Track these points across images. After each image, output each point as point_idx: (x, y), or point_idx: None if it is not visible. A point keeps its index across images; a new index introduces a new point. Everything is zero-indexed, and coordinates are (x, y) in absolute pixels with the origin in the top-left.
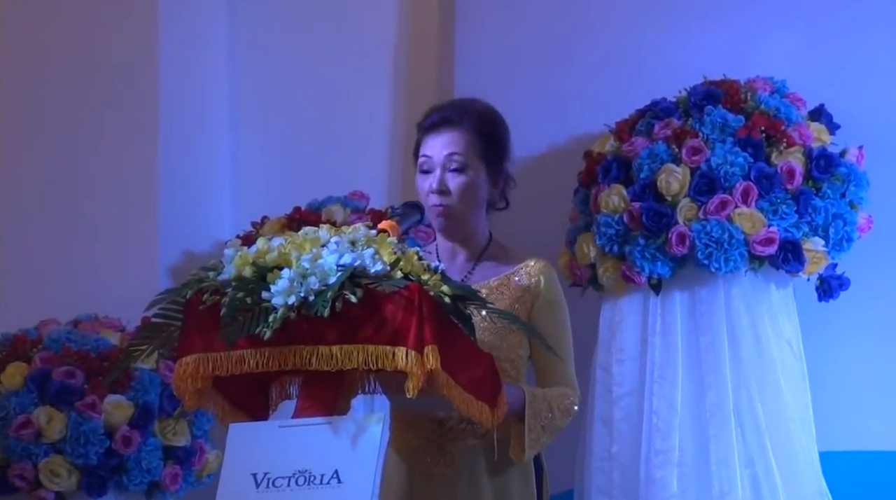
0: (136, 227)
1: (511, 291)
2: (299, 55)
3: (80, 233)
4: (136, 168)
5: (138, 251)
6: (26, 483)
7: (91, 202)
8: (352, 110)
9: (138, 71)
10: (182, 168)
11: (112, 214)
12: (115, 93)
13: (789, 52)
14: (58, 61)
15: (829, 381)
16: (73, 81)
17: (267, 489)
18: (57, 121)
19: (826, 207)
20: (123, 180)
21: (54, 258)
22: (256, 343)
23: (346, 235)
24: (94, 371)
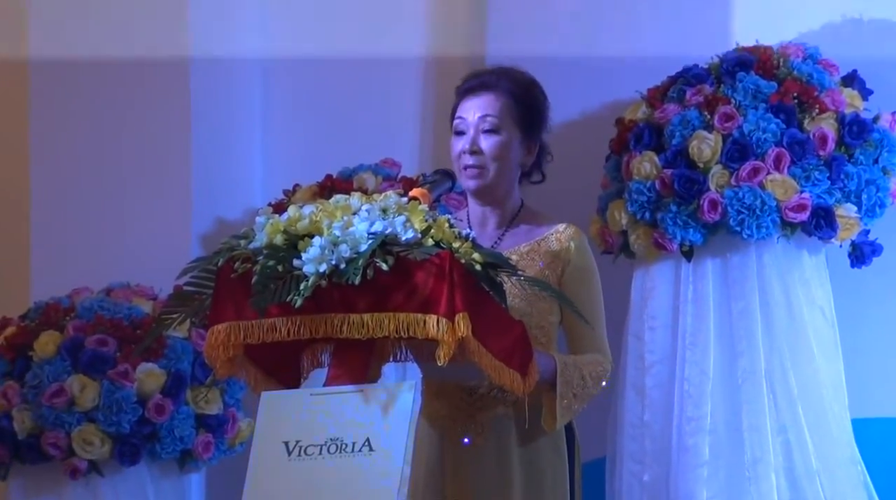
0: (169, 195)
1: (541, 256)
2: (330, 24)
3: (112, 201)
4: (169, 137)
5: (171, 219)
6: (59, 452)
7: (123, 171)
8: (383, 78)
9: (170, 42)
10: (214, 136)
11: (145, 183)
12: (147, 65)
13: (822, 17)
14: (94, 37)
15: (862, 348)
16: (107, 55)
17: (299, 458)
18: (91, 92)
19: (859, 173)
20: (156, 149)
21: (87, 227)
22: (288, 311)
23: (377, 202)
24: (126, 339)
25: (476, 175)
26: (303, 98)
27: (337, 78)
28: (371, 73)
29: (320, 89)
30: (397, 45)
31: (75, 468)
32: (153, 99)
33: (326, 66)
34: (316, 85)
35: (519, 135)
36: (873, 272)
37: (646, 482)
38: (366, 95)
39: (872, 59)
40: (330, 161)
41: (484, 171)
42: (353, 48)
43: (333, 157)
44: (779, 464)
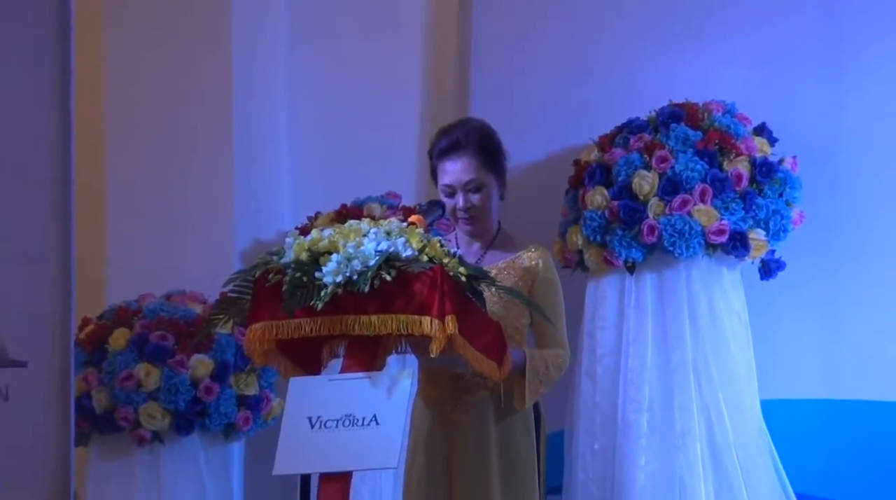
0: (217, 221)
1: (516, 271)
2: (344, 85)
3: (172, 225)
4: (216, 176)
5: (218, 240)
6: (129, 424)
7: (182, 202)
8: (387, 130)
9: (217, 100)
10: (252, 175)
11: (198, 212)
12: (200, 121)
13: (738, 79)
14: (159, 87)
15: (770, 344)
16: (167, 107)
17: (319, 429)
18: (158, 140)
19: (767, 205)
20: (207, 185)
21: (151, 245)
22: (311, 313)
23: (382, 226)
24: (182, 335)
25: (470, 222)
26: (322, 143)
27: (349, 128)
28: (376, 126)
29: (336, 137)
30: (398, 105)
31: (142, 437)
32: (206, 149)
33: (341, 119)
34: (333, 134)
35: (494, 179)
36: (779, 284)
37: (596, 449)
38: (372, 141)
39: (778, 113)
40: (344, 193)
41: (476, 218)
42: (363, 106)
43: (347, 189)
44: (702, 436)
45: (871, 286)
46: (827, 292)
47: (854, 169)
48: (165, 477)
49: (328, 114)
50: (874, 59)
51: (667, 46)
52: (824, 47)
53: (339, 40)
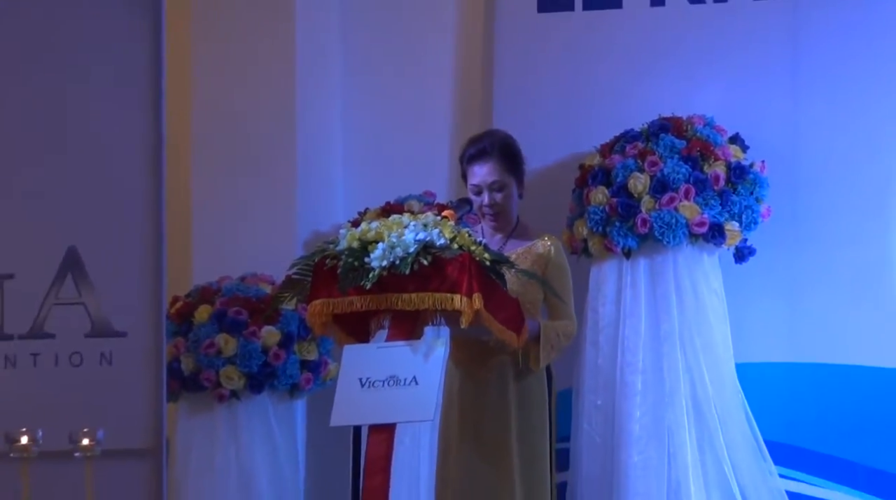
0: (283, 215)
1: (532, 256)
2: (387, 103)
3: (246, 219)
4: (283, 178)
5: (284, 231)
6: (211, 384)
7: (254, 200)
8: (423, 140)
9: (283, 116)
10: (311, 177)
11: (267, 208)
12: (269, 133)
13: (715, 97)
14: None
15: (743, 317)
16: (243, 121)
17: (368, 389)
18: (235, 148)
19: (740, 201)
20: (275, 186)
21: (230, 236)
22: (361, 292)
23: (420, 220)
24: (254, 310)
25: (494, 218)
26: (370, 151)
27: (392, 138)
28: (415, 136)
29: (381, 145)
30: (432, 119)
31: (221, 395)
32: (274, 158)
33: (385, 131)
34: (378, 142)
35: (514, 182)
36: (750, 267)
37: (598, 405)
38: (412, 149)
39: (749, 125)
40: (388, 192)
41: (499, 214)
42: (402, 119)
43: (391, 189)
44: (686, 393)
45: (828, 268)
46: (791, 273)
47: (813, 170)
48: (241, 428)
49: (374, 127)
50: (830, 78)
51: (657, 70)
52: (788, 69)
53: (384, 66)
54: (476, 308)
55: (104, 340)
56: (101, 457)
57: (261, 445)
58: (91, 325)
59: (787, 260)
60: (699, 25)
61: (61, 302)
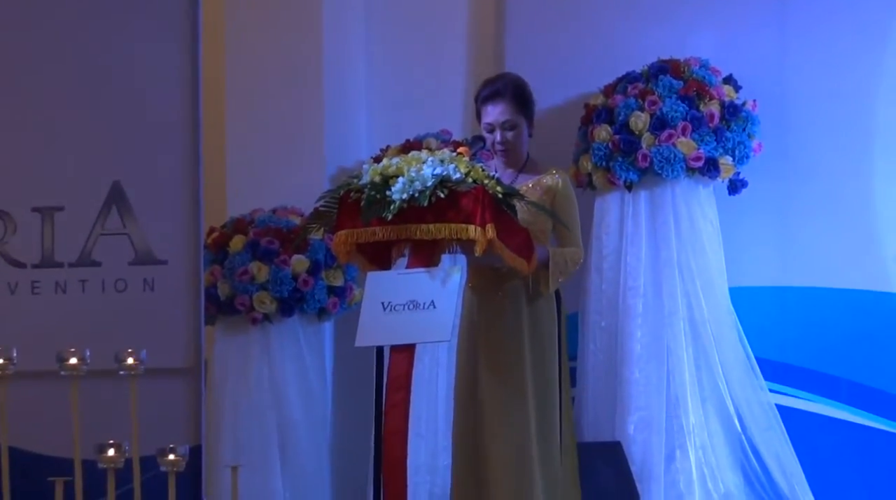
0: (311, 152)
1: (541, 189)
2: (408, 49)
3: (277, 156)
4: (311, 119)
5: (312, 166)
6: (245, 308)
7: (284, 139)
8: (440, 82)
9: (311, 64)
10: (337, 118)
11: (296, 146)
12: (300, 79)
13: (711, 40)
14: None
15: (736, 244)
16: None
17: (390, 312)
18: (268, 92)
19: (733, 138)
20: (303, 126)
21: (261, 171)
22: (383, 222)
23: (437, 156)
24: (285, 240)
25: (505, 153)
26: (391, 92)
27: (412, 81)
28: (433, 78)
29: (402, 87)
30: (448, 64)
31: (255, 318)
32: (302, 93)
33: (407, 75)
34: (398, 85)
35: (524, 121)
36: (743, 198)
37: (603, 326)
38: (429, 91)
39: (742, 66)
40: (408, 130)
41: (510, 151)
42: (421, 64)
43: (410, 128)
44: (684, 315)
45: (815, 199)
46: (780, 204)
47: (800, 109)
48: (273, 349)
49: (394, 71)
50: (817, 22)
51: (656, 16)
52: (777, 14)
53: (404, 14)
54: (489, 237)
55: (147, 267)
56: (145, 375)
57: (291, 364)
58: (134, 254)
59: (777, 192)
60: None
61: (107, 233)
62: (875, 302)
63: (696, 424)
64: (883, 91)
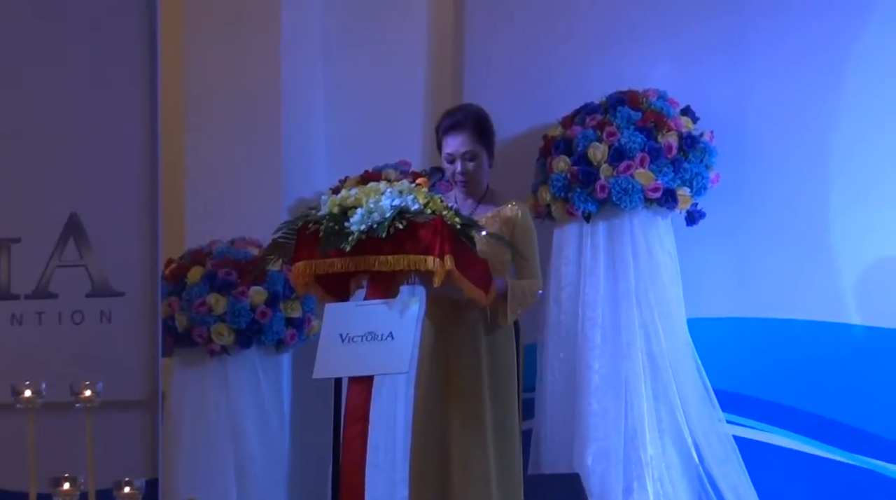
0: (269, 183)
1: (500, 220)
2: (366, 80)
3: (235, 188)
4: (269, 150)
5: (270, 198)
6: (203, 340)
7: (243, 170)
8: (399, 114)
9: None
10: (296, 150)
11: (255, 177)
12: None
13: (669, 71)
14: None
15: (694, 275)
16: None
17: (348, 343)
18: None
19: (691, 169)
20: (262, 157)
21: (220, 203)
22: (341, 254)
23: (396, 187)
24: (243, 271)
25: (465, 186)
26: (350, 124)
27: (370, 112)
28: (392, 110)
29: (361, 119)
30: (407, 96)
31: (213, 349)
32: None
33: (364, 106)
34: (357, 116)
35: (485, 152)
36: (700, 229)
37: (561, 357)
38: (388, 122)
39: (699, 98)
40: (366, 162)
41: (470, 182)
42: (380, 96)
43: (369, 159)
44: (642, 347)
45: (772, 230)
46: (737, 235)
47: (757, 140)
48: (231, 381)
49: (354, 101)
50: (774, 55)
51: (614, 47)
52: (735, 46)
53: (363, 45)
54: (448, 268)
55: (104, 299)
56: (101, 408)
57: (249, 396)
58: (91, 285)
59: (734, 223)
60: (653, 5)
61: (64, 264)
62: (831, 333)
63: (654, 456)
64: (839, 122)
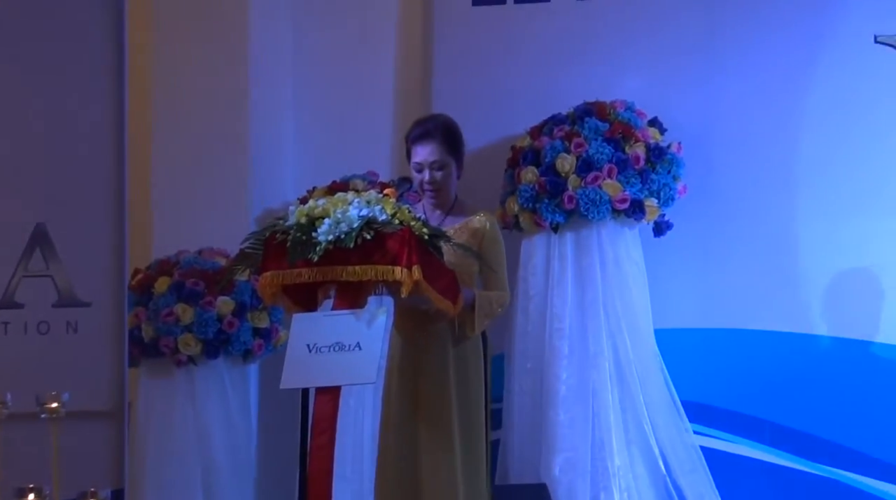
0: (237, 194)
1: (468, 231)
2: (334, 90)
3: (203, 198)
4: (237, 160)
5: (238, 208)
6: (169, 350)
7: (210, 180)
8: (367, 124)
9: (238, 105)
10: (264, 159)
11: (222, 187)
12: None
13: (636, 83)
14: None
15: (661, 286)
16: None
17: (315, 354)
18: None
19: (658, 179)
20: (230, 166)
21: (187, 213)
22: (309, 264)
23: (363, 197)
24: (210, 282)
25: (433, 196)
26: (318, 134)
27: (338, 122)
28: (360, 120)
29: (328, 129)
30: (375, 107)
31: (179, 360)
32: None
33: (332, 116)
34: (325, 126)
35: (453, 162)
36: (668, 240)
37: (528, 368)
38: (356, 132)
39: (667, 109)
40: (335, 172)
41: (438, 191)
42: (348, 106)
43: (337, 169)
44: (609, 357)
45: (738, 241)
46: (704, 246)
47: (725, 151)
48: (198, 391)
49: (321, 112)
50: (741, 66)
51: (582, 58)
52: (702, 58)
53: (331, 55)
54: (415, 279)
55: (70, 309)
56: (67, 418)
57: (216, 406)
58: (58, 295)
59: (701, 234)
60: (621, 17)
61: (30, 274)
62: (797, 344)
63: (621, 466)
64: (806, 134)
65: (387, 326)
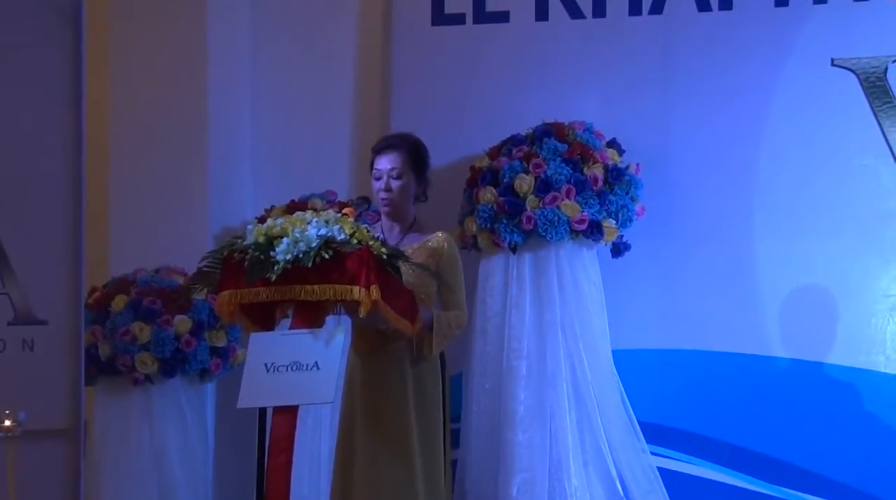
0: (195, 212)
1: (426, 251)
2: (293, 110)
3: (160, 216)
4: (195, 178)
5: (195, 226)
6: (127, 369)
7: (168, 198)
8: (325, 144)
9: (197, 122)
10: (222, 178)
11: (180, 205)
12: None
13: (594, 105)
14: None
15: (619, 307)
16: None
17: (273, 373)
18: (151, 150)
19: (617, 201)
20: (188, 184)
21: (144, 231)
22: (267, 283)
23: (322, 217)
24: (168, 300)
25: (388, 205)
26: (276, 153)
27: (297, 142)
28: (318, 140)
29: (287, 148)
30: (333, 127)
31: (136, 379)
32: (187, 152)
33: (290, 136)
34: (284, 146)
35: (413, 177)
36: (626, 260)
37: (487, 388)
38: (314, 152)
39: (625, 130)
40: (293, 191)
41: (393, 202)
42: (307, 126)
43: (295, 188)
44: (567, 377)
45: (696, 262)
46: (662, 267)
47: (682, 173)
48: (155, 410)
49: (280, 131)
50: (697, 89)
51: (541, 79)
52: (659, 80)
53: (290, 75)
54: (373, 299)
55: (26, 327)
56: (23, 437)
57: (173, 425)
58: (14, 313)
59: (659, 255)
60: (580, 39)
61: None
62: (755, 365)
63: (578, 487)
64: (764, 155)
65: (345, 345)
